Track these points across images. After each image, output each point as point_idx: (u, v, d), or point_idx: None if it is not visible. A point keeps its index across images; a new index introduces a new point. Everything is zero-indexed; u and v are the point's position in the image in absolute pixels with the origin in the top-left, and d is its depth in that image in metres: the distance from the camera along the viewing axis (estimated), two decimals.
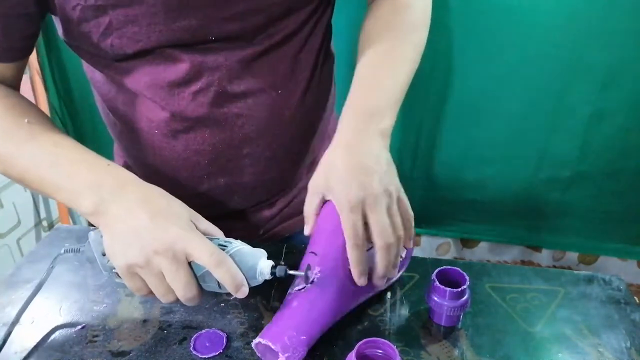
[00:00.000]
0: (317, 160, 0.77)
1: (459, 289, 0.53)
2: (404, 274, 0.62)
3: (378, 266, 0.53)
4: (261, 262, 0.50)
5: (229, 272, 0.48)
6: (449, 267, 0.56)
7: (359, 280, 0.53)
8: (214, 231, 0.54)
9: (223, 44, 0.58)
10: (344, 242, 0.53)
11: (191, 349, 0.54)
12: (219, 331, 0.56)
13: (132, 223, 0.49)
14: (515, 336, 0.55)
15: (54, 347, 0.54)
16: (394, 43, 0.63)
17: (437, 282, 0.54)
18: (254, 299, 0.60)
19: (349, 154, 0.54)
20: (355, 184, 0.52)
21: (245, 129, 0.62)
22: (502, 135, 1.31)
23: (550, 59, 1.18)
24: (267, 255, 0.51)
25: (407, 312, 0.58)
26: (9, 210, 1.41)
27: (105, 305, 0.60)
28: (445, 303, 0.53)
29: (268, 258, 0.51)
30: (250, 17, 0.57)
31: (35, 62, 1.44)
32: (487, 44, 1.20)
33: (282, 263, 0.50)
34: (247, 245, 0.51)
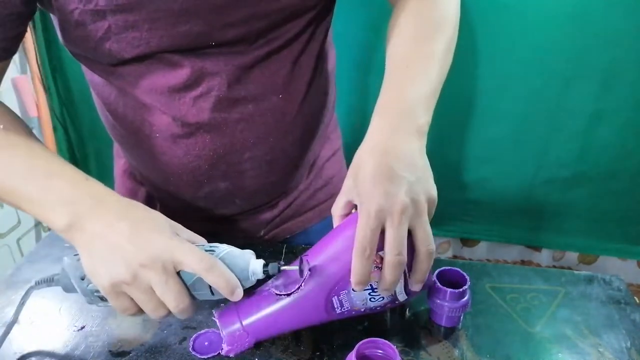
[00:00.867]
0: (317, 161, 0.77)
1: (460, 290, 0.53)
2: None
3: (380, 282, 0.49)
4: (252, 262, 0.49)
5: (222, 276, 0.47)
6: (450, 267, 0.56)
7: (356, 288, 0.49)
8: (197, 239, 0.53)
9: (223, 49, 0.57)
10: (340, 254, 0.50)
11: (190, 349, 0.54)
12: (218, 331, 0.56)
13: (113, 238, 0.47)
14: (516, 336, 0.55)
15: (54, 347, 0.54)
16: (425, 38, 0.60)
17: (438, 283, 0.54)
18: None
19: (379, 157, 0.50)
20: (380, 191, 0.47)
21: (246, 133, 0.62)
22: (502, 135, 1.31)
23: (550, 59, 1.18)
24: (255, 254, 0.50)
25: (407, 312, 0.58)
26: (9, 210, 1.41)
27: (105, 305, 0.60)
28: (446, 304, 0.53)
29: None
30: (252, 23, 0.56)
31: (35, 62, 1.44)
32: (487, 44, 1.20)
33: (278, 262, 0.49)
34: (234, 247, 0.50)
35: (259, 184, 0.68)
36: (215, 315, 0.53)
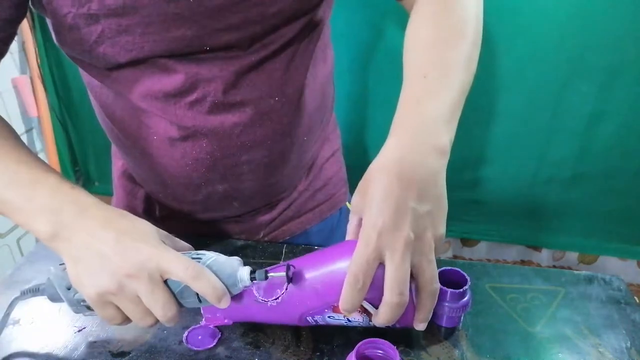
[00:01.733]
0: (316, 162, 0.77)
1: (460, 290, 0.53)
2: None
3: (375, 317, 0.48)
4: (239, 269, 0.49)
5: (209, 284, 0.46)
6: (450, 267, 0.56)
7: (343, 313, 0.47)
8: (184, 246, 0.52)
9: (218, 54, 0.57)
10: (322, 285, 0.48)
11: (184, 341, 0.54)
12: (211, 325, 0.56)
13: (98, 247, 0.46)
14: (516, 336, 0.55)
15: (54, 348, 0.54)
16: (444, 45, 0.56)
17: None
18: None
19: (390, 178, 0.47)
20: (384, 220, 0.45)
21: (243, 136, 0.61)
22: (502, 135, 1.31)
23: (550, 59, 1.18)
24: (242, 261, 0.50)
25: None
26: None
27: None
28: (446, 304, 0.53)
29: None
30: (246, 27, 0.56)
31: (35, 62, 1.44)
32: (487, 44, 1.19)
33: (265, 269, 0.49)
34: (221, 254, 0.50)
35: (257, 187, 0.67)
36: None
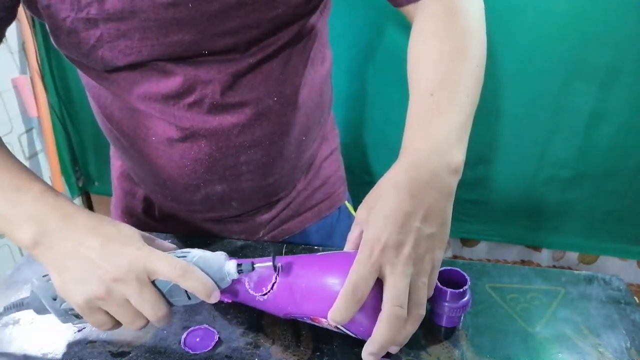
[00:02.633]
0: (315, 161, 0.77)
1: (460, 290, 0.53)
2: None
3: (371, 340, 0.46)
4: (226, 263, 0.49)
5: (197, 280, 0.47)
6: (450, 267, 0.56)
7: (332, 323, 0.46)
8: (168, 247, 0.53)
9: (216, 57, 0.57)
10: (308, 295, 0.48)
11: (182, 345, 0.54)
12: (211, 328, 0.56)
13: (84, 254, 0.46)
14: (516, 336, 0.55)
15: (54, 348, 0.54)
16: (449, 59, 0.55)
17: (438, 283, 0.54)
18: None
19: (401, 195, 0.47)
20: (389, 234, 0.45)
21: (241, 137, 0.62)
22: (502, 135, 1.31)
23: (550, 59, 1.18)
24: (228, 255, 0.50)
25: None
26: None
27: None
28: (446, 304, 0.53)
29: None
30: (243, 32, 0.56)
31: (35, 62, 1.44)
32: (488, 44, 1.19)
33: (252, 261, 0.49)
34: (206, 250, 0.50)
35: (256, 186, 0.68)
36: None
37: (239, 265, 0.49)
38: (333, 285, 0.47)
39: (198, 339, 0.55)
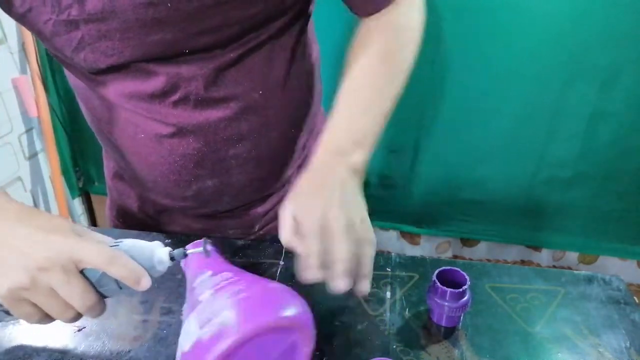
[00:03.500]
0: (309, 155, 0.77)
1: (460, 290, 0.53)
2: (402, 273, 0.62)
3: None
4: (157, 250, 0.48)
5: (125, 267, 0.46)
6: (450, 267, 0.56)
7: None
8: (103, 239, 0.51)
9: (197, 55, 0.58)
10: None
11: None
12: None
13: (10, 243, 0.45)
14: (515, 336, 0.55)
15: (54, 348, 0.54)
16: (380, 63, 0.61)
17: (438, 283, 0.54)
18: None
19: (312, 178, 0.54)
20: (316, 208, 0.49)
21: (228, 131, 0.62)
22: (502, 135, 1.31)
23: (550, 59, 1.18)
24: (163, 244, 0.49)
25: (407, 312, 0.58)
26: None
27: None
28: (446, 304, 0.53)
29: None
30: (224, 30, 0.56)
31: (35, 62, 1.44)
32: (487, 44, 1.20)
33: (184, 247, 0.49)
34: (141, 240, 0.49)
35: (246, 180, 0.68)
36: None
37: (171, 252, 0.48)
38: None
39: None
